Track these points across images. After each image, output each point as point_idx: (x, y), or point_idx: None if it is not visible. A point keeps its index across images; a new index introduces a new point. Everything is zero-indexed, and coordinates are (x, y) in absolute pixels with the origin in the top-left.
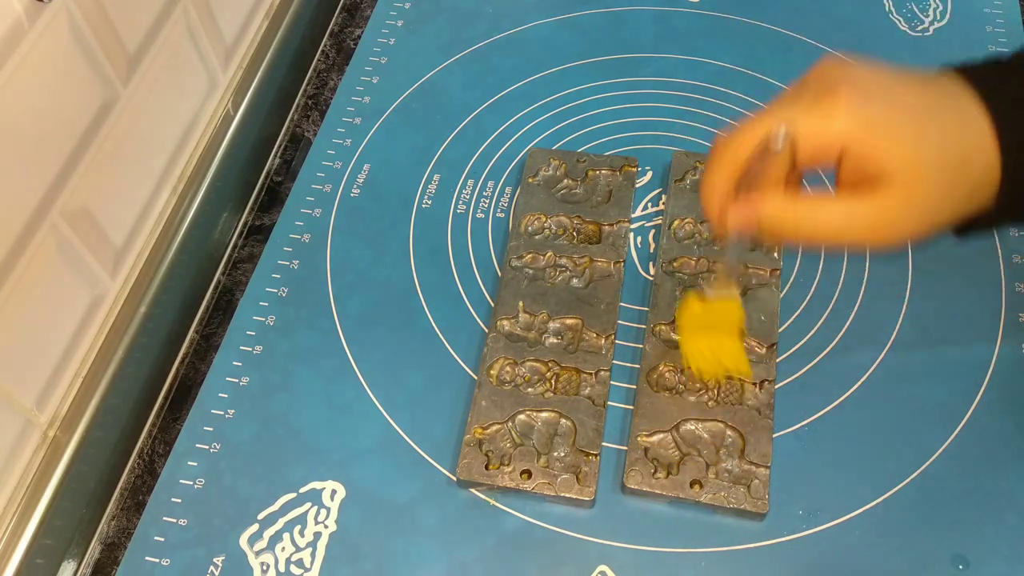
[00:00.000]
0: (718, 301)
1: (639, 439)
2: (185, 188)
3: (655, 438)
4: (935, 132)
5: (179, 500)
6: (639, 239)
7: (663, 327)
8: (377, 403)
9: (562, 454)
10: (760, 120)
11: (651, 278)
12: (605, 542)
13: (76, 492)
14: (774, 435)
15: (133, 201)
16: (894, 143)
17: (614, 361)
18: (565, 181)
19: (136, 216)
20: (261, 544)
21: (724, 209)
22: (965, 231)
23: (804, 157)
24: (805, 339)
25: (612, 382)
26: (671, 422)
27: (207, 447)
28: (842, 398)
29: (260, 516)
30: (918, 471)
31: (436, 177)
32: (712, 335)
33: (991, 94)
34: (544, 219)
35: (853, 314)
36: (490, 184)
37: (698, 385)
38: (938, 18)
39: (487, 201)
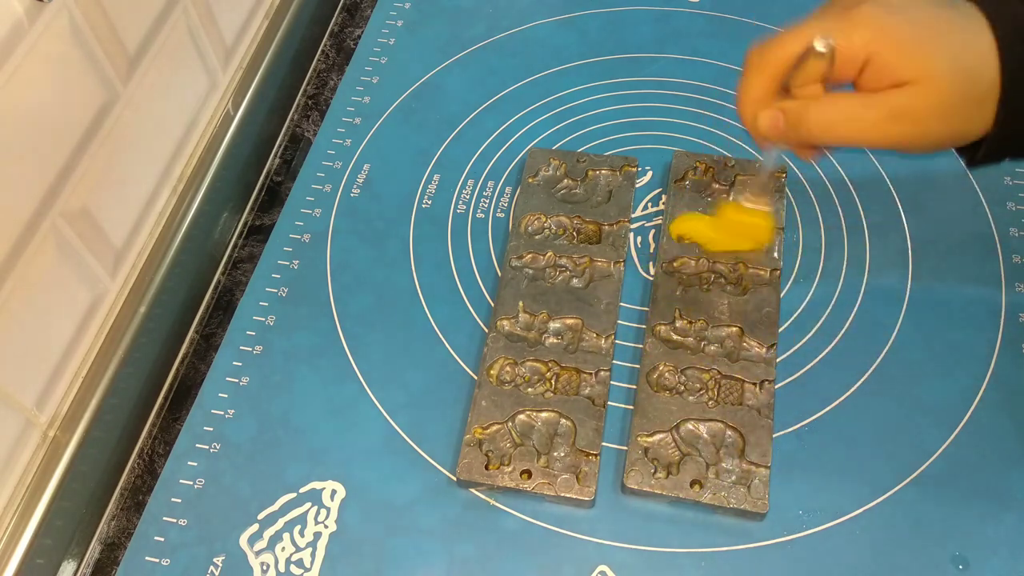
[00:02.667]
0: (753, 212)
1: (639, 439)
2: (185, 188)
3: (655, 438)
4: (950, 45)
5: (179, 500)
6: (639, 239)
7: (663, 327)
8: (377, 403)
9: (562, 454)
10: (794, 34)
11: (651, 278)
12: (605, 542)
13: (76, 492)
14: (774, 435)
15: (133, 201)
16: (914, 52)
17: (614, 361)
18: (565, 181)
19: (136, 216)
20: (261, 544)
21: (757, 114)
22: (974, 161)
23: (833, 68)
24: (805, 339)
25: (612, 382)
26: (671, 422)
27: (207, 447)
28: (842, 398)
29: (260, 516)
30: (918, 471)
31: (436, 177)
32: (736, 242)
33: (997, 17)
34: (544, 219)
35: (853, 314)
36: (490, 184)
37: (698, 385)
38: None
39: (487, 201)
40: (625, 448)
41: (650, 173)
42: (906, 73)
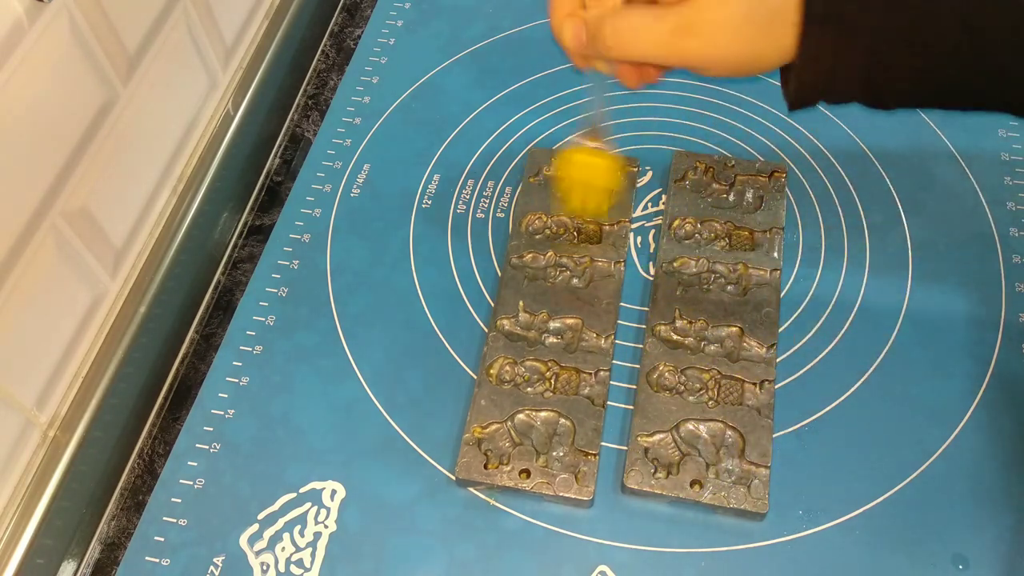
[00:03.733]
0: (592, 155)
1: (639, 439)
2: (185, 188)
3: (655, 438)
4: None
5: (179, 500)
6: (639, 239)
7: (663, 327)
8: (377, 403)
9: (561, 454)
10: None
11: (651, 278)
12: (605, 542)
13: (76, 492)
14: (774, 435)
15: (133, 201)
16: None
17: (614, 361)
18: None
19: (136, 216)
20: (261, 544)
21: (564, 27)
22: (790, 101)
23: None
24: (805, 339)
25: (612, 382)
26: (671, 422)
27: (207, 447)
28: (842, 398)
29: (260, 516)
30: (918, 471)
31: (436, 177)
32: (584, 185)
33: None
34: (545, 219)
35: (853, 314)
36: (490, 184)
37: (698, 385)
38: None
39: (487, 201)
40: (625, 448)
41: (650, 173)
42: None
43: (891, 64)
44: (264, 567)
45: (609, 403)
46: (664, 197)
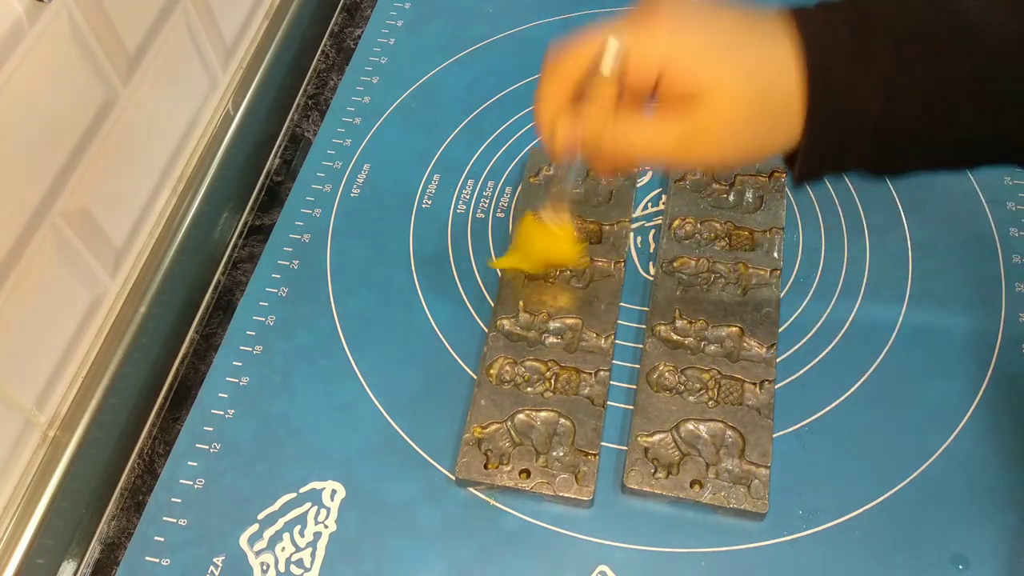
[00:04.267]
0: (554, 228)
1: (639, 439)
2: (185, 188)
3: (655, 438)
4: (742, 60)
5: (179, 500)
6: (639, 239)
7: (663, 327)
8: (377, 403)
9: (561, 454)
10: (588, 43)
11: (651, 278)
12: (605, 542)
13: (76, 492)
14: (774, 435)
15: (133, 201)
16: (702, 67)
17: (614, 361)
18: None
19: (136, 216)
20: (261, 544)
21: (554, 126)
22: (795, 179)
23: (628, 79)
24: (805, 339)
25: (612, 382)
26: (671, 422)
27: (207, 447)
28: (842, 398)
29: (260, 516)
30: (918, 471)
31: (436, 177)
32: (542, 258)
33: (803, 25)
34: None
35: (853, 314)
36: (490, 184)
37: (698, 385)
38: None
39: (487, 201)
40: (625, 448)
41: (650, 173)
42: (697, 87)
43: (897, 148)
44: (264, 567)
45: (609, 403)
46: (664, 197)
